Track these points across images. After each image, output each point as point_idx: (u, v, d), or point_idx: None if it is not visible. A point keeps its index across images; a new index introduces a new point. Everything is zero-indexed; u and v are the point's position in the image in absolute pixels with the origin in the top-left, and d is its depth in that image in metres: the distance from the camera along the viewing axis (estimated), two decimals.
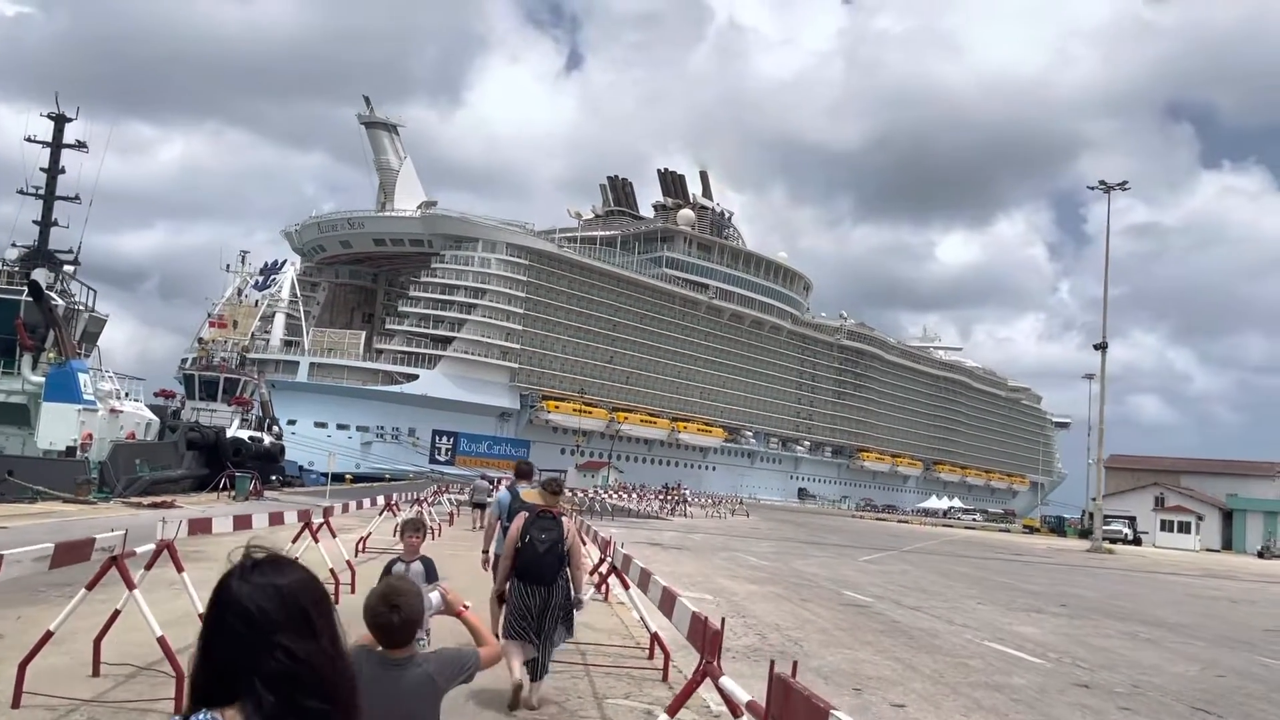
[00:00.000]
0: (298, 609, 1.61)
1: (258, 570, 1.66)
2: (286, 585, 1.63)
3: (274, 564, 1.68)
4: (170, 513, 23.64)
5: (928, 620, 14.29)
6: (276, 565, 1.68)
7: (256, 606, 1.59)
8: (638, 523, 43.35)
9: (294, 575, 1.67)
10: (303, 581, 1.68)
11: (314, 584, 1.71)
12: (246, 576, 1.64)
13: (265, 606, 1.59)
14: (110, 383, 37.32)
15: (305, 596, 1.65)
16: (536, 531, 7.26)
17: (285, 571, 1.67)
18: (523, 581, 7.25)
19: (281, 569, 1.67)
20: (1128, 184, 53.71)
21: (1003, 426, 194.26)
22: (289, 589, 1.63)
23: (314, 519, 12.39)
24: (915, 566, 26.87)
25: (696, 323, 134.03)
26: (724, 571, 20.07)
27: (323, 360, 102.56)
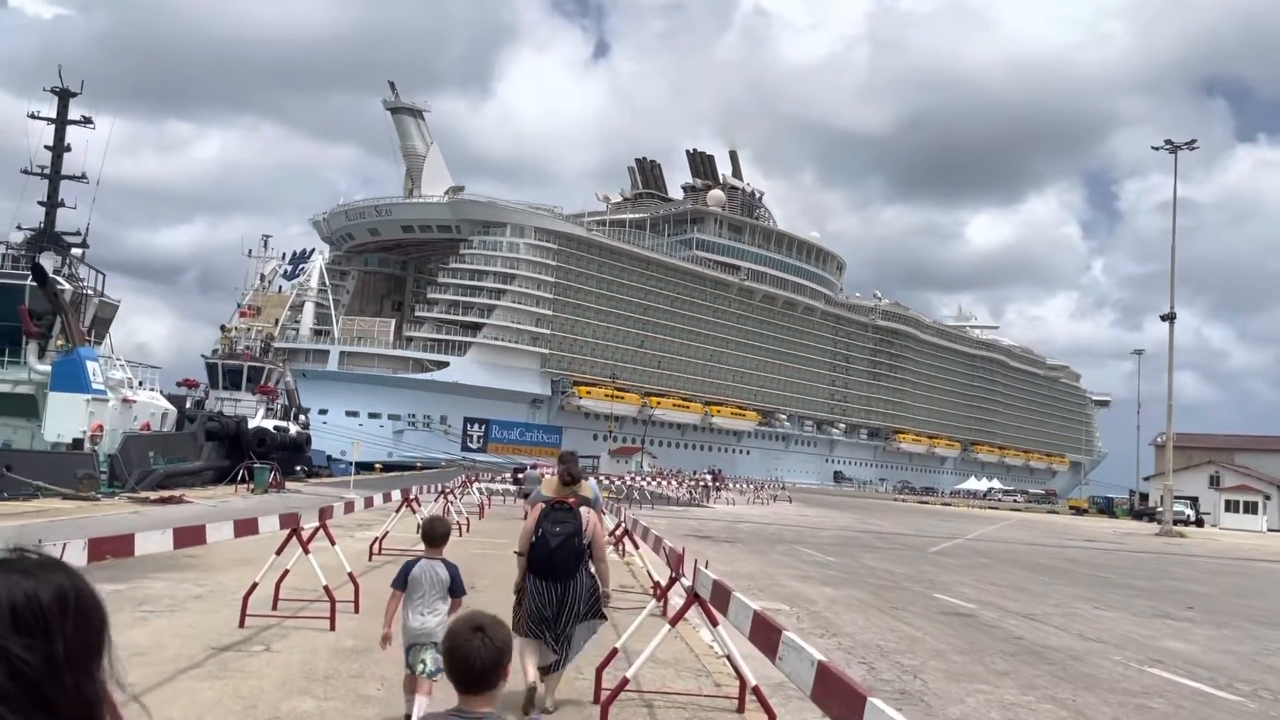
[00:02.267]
0: (29, 614, 1.30)
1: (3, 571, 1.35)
2: (20, 592, 1.32)
3: (24, 566, 1.35)
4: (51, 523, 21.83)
5: (1054, 634, 11.97)
6: (25, 569, 1.35)
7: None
8: (678, 511, 41.20)
9: (35, 583, 1.33)
10: (50, 590, 1.34)
11: (70, 593, 1.35)
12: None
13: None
14: (122, 371, 35.43)
15: (43, 606, 1.32)
16: (549, 525, 6.94)
17: (28, 577, 1.33)
18: (538, 577, 6.93)
19: (26, 575, 1.34)
20: (1196, 143, 50.58)
21: (1041, 406, 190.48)
22: (21, 596, 1.31)
23: (306, 524, 10.13)
24: (994, 559, 24.44)
25: (728, 305, 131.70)
26: (790, 570, 17.77)
27: (353, 349, 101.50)
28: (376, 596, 11.28)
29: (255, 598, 9.37)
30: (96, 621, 1.36)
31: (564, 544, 6.83)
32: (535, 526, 6.97)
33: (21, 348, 32.74)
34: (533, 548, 6.93)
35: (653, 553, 12.11)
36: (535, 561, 6.91)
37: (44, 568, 1.36)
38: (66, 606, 1.33)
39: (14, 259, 33.81)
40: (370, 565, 14.74)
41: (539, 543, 6.90)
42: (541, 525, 6.94)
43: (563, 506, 7.02)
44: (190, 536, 7.58)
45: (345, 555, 15.01)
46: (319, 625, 9.29)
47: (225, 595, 9.98)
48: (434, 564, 6.27)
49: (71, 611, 1.33)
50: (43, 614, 1.30)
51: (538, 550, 6.89)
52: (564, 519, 6.94)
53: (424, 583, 6.20)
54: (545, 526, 6.92)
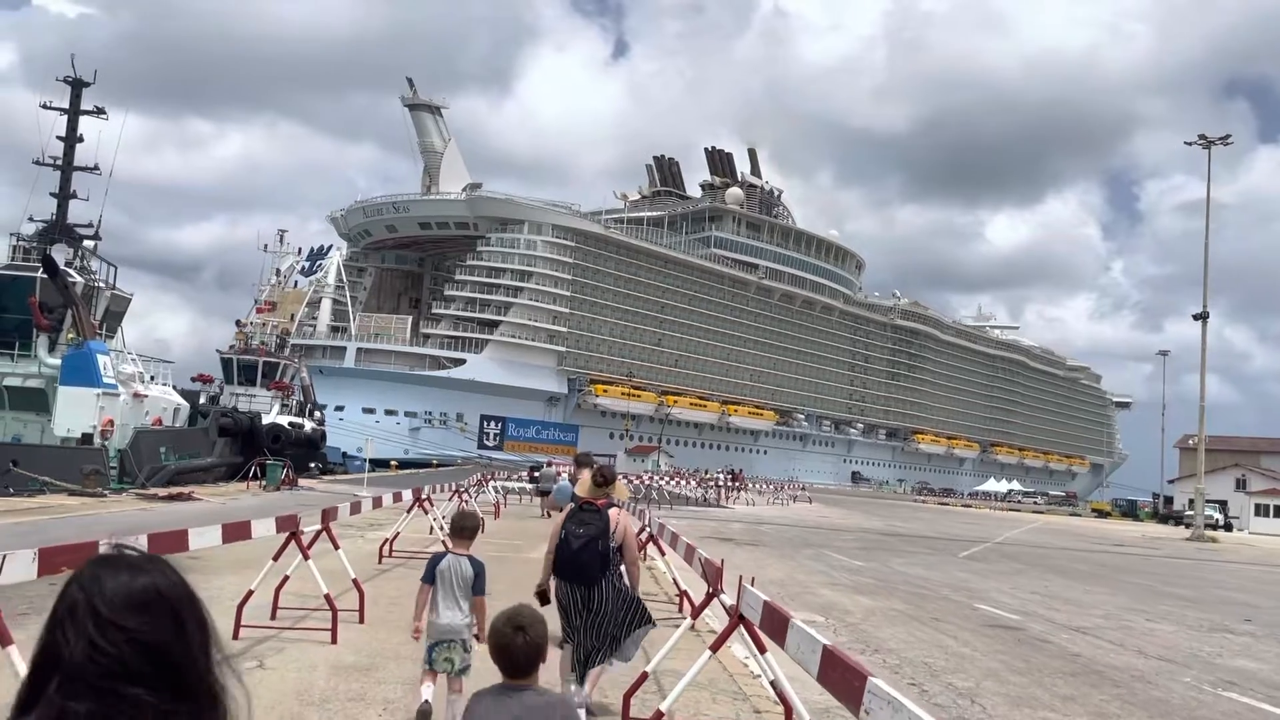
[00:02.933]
0: (156, 602, 1.39)
1: (107, 567, 1.42)
2: (130, 587, 1.39)
3: (127, 563, 1.43)
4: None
5: (1112, 650, 11.12)
6: (129, 565, 1.42)
7: (80, 604, 1.36)
8: (698, 512, 40.40)
9: (149, 579, 1.41)
10: (158, 586, 1.41)
11: (175, 591, 1.43)
12: (94, 569, 1.41)
13: (91, 607, 1.36)
14: (134, 365, 34.83)
15: (152, 602, 1.39)
16: (573, 525, 6.78)
17: (139, 573, 1.41)
18: (561, 580, 6.77)
19: (135, 570, 1.42)
20: (1230, 138, 49.40)
21: (1061, 407, 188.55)
22: (133, 591, 1.39)
23: (308, 525, 9.39)
24: (1029, 564, 23.54)
25: (746, 303, 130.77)
26: (820, 577, 16.95)
27: (370, 345, 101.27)
28: (384, 604, 10.58)
29: (253, 606, 8.68)
30: (206, 611, 1.45)
31: (586, 546, 6.64)
32: (562, 527, 6.82)
33: (32, 341, 32.18)
34: (557, 550, 6.79)
35: (681, 560, 11.33)
36: (559, 564, 6.77)
37: (153, 562, 1.44)
38: (184, 596, 1.41)
39: (25, 251, 33.31)
40: (380, 569, 14.04)
41: (562, 544, 6.75)
42: (566, 526, 6.80)
43: (589, 507, 6.85)
44: (167, 543, 6.81)
45: (353, 558, 14.32)
46: (320, 637, 8.57)
47: (222, 602, 9.23)
48: (460, 560, 6.18)
49: (187, 600, 1.42)
50: (167, 602, 1.38)
51: (561, 552, 6.74)
52: (589, 520, 6.76)
53: (450, 578, 6.11)
54: (569, 528, 6.77)
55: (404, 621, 9.84)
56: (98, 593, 1.36)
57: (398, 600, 10.78)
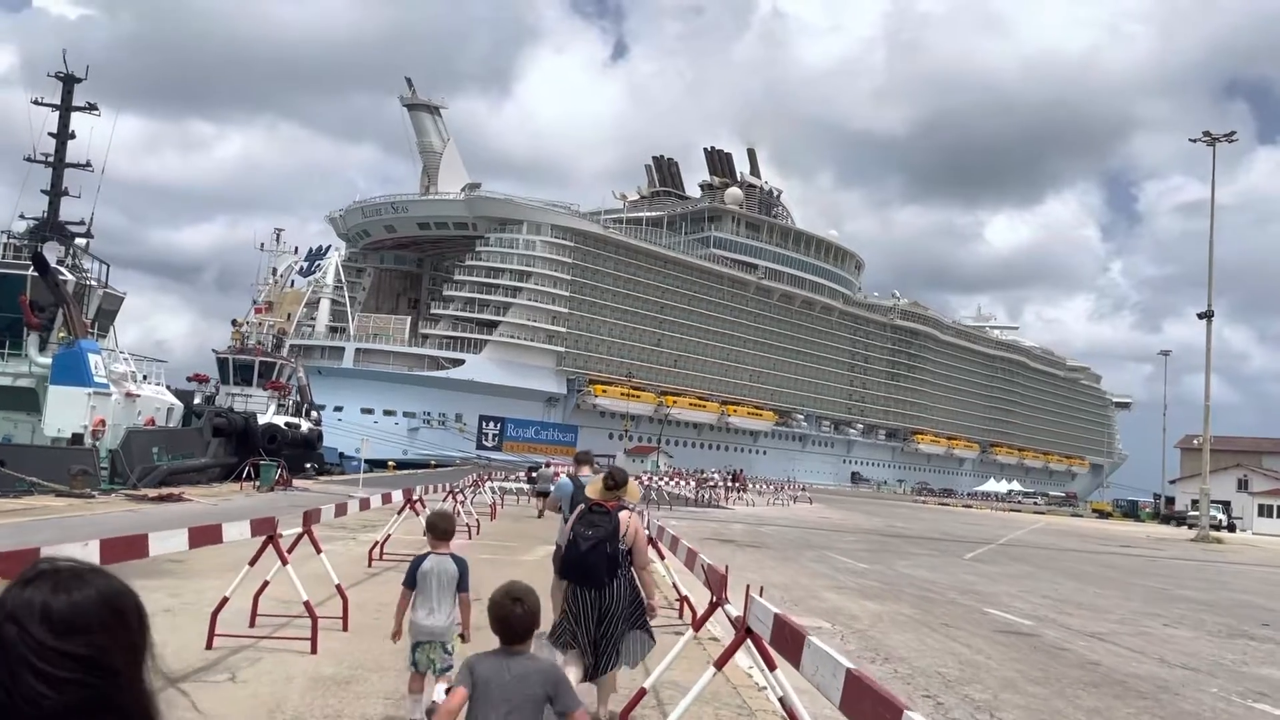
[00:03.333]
0: (72, 635, 1.29)
1: (39, 581, 1.33)
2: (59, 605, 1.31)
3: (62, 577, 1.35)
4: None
5: (1132, 658, 10.65)
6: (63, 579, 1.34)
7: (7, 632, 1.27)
8: (698, 513, 39.93)
9: (79, 593, 1.33)
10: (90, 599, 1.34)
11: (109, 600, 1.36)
12: (22, 591, 1.32)
13: (18, 634, 1.27)
14: (126, 364, 34.31)
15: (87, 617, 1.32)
16: (582, 527, 6.62)
17: (66, 588, 1.33)
18: (570, 583, 6.60)
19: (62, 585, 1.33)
20: (1235, 135, 49.00)
21: (1061, 407, 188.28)
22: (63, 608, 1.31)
23: (286, 530, 8.88)
24: (1036, 566, 23.06)
25: (745, 304, 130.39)
26: (824, 580, 16.47)
27: (368, 346, 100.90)
28: (372, 609, 10.10)
29: (232, 612, 8.21)
30: (136, 621, 1.37)
31: (595, 548, 6.47)
32: (571, 529, 6.73)
33: (22, 340, 31.58)
34: (565, 551, 6.73)
35: (680, 564, 10.87)
36: (566, 566, 6.66)
37: (77, 575, 1.36)
38: (106, 610, 1.33)
39: (16, 249, 32.76)
40: (369, 572, 13.54)
41: (570, 546, 6.63)
42: (575, 528, 6.67)
43: (599, 509, 6.68)
44: (124, 549, 6.29)
45: (342, 562, 13.81)
46: (299, 647, 8.09)
47: (200, 608, 8.78)
48: (443, 559, 6.06)
49: (111, 614, 1.33)
50: (85, 620, 1.30)
51: (569, 554, 6.63)
52: (598, 522, 6.59)
53: (433, 579, 5.98)
54: (578, 529, 6.62)
55: (389, 628, 9.39)
56: (29, 616, 1.27)
57: (386, 606, 10.29)
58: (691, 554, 8.25)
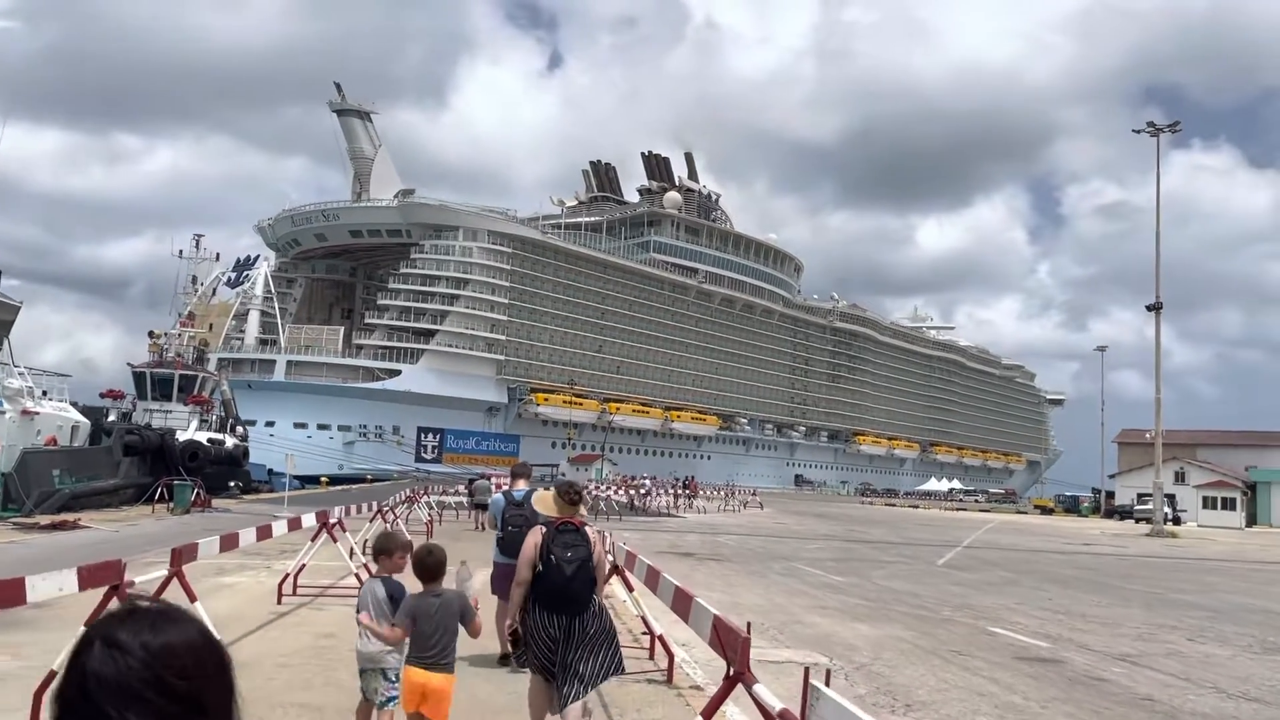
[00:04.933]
0: (174, 668, 1.26)
1: (129, 623, 1.29)
2: (160, 645, 1.26)
3: (153, 617, 1.31)
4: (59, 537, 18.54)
5: (1183, 688, 9.13)
6: (156, 619, 1.31)
7: (108, 675, 1.23)
8: (649, 522, 38.38)
9: (178, 632, 1.30)
10: (190, 640, 1.30)
11: (205, 644, 1.33)
12: (114, 629, 1.28)
13: (119, 675, 1.23)
14: (21, 380, 31.61)
15: (189, 654, 1.29)
16: (560, 550, 6.02)
17: (163, 628, 1.29)
18: (547, 611, 6.00)
19: (160, 625, 1.30)
20: (1179, 125, 49.16)
21: (997, 406, 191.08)
22: (161, 651, 1.26)
23: (148, 574, 7.03)
24: (1015, 572, 21.83)
25: (686, 308, 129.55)
26: (803, 599, 14.96)
27: (300, 358, 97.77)
28: (269, 667, 8.21)
29: None
30: (228, 666, 1.36)
31: (580, 571, 6.02)
32: (543, 552, 6.07)
33: None
34: (541, 578, 6.04)
35: (651, 594, 9.25)
36: (547, 593, 6.02)
37: (168, 616, 1.33)
38: (201, 653, 1.32)
39: None
40: (276, 611, 11.52)
41: (551, 571, 6.00)
42: (551, 551, 6.04)
43: (569, 528, 6.18)
44: None
45: (242, 601, 11.91)
46: None
47: (43, 674, 6.89)
48: (374, 583, 5.85)
49: (206, 657, 1.32)
50: (183, 662, 1.28)
51: (550, 580, 6.00)
52: (576, 542, 6.10)
53: (367, 603, 5.72)
54: (556, 552, 6.03)
55: (293, 690, 7.64)
56: (138, 652, 1.24)
57: (289, 661, 8.52)
58: (682, 596, 6.59)
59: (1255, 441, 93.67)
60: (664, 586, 7.21)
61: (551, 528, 6.20)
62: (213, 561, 13.77)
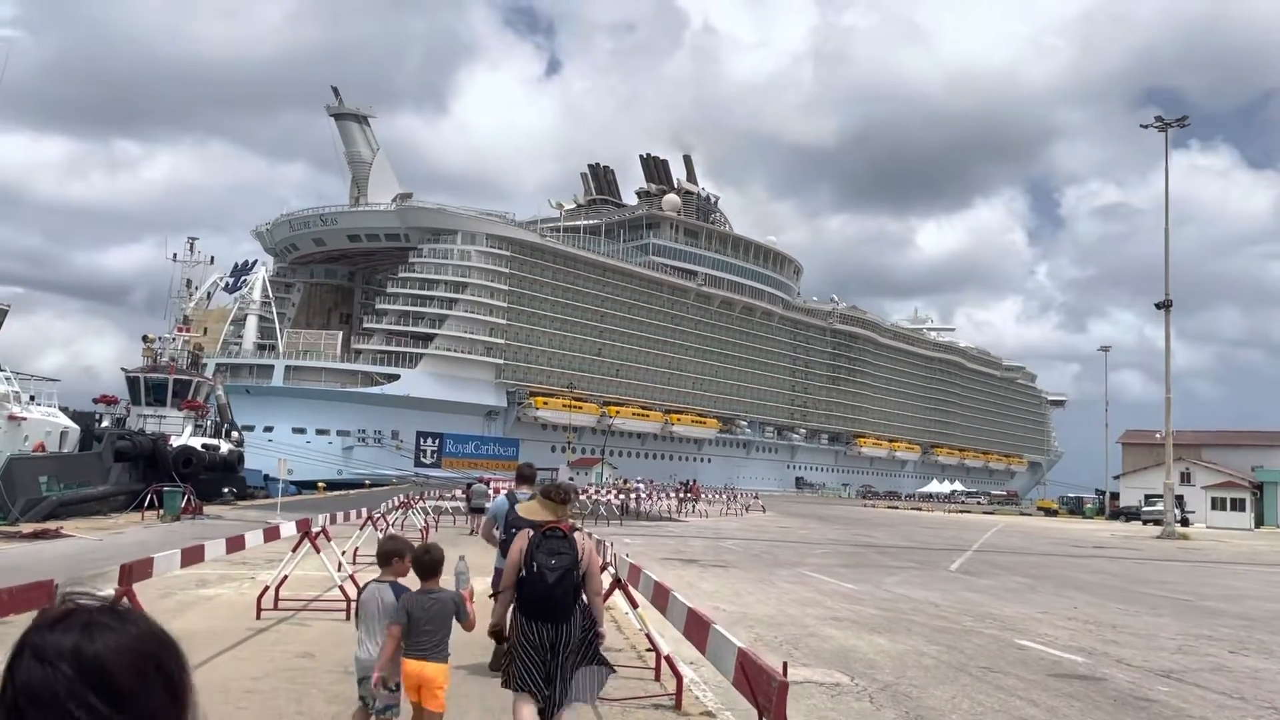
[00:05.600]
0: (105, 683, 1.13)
1: (60, 626, 1.16)
2: (93, 654, 1.14)
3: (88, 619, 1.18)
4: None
5: (1239, 709, 8.34)
6: (91, 621, 1.17)
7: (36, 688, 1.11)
8: (650, 527, 37.71)
9: (114, 637, 1.16)
10: (125, 646, 1.17)
11: (146, 649, 1.19)
12: (44, 634, 1.16)
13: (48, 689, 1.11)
14: (7, 384, 30.89)
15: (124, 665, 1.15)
16: (544, 556, 5.71)
17: (98, 633, 1.16)
18: (529, 619, 5.71)
19: (95, 629, 1.16)
20: (1188, 119, 48.54)
21: (998, 407, 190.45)
22: (100, 655, 1.14)
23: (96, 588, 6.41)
24: (1032, 577, 21.05)
25: (686, 311, 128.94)
26: (815, 609, 14.25)
27: (299, 363, 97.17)
28: (237, 692, 7.48)
29: None
30: (174, 671, 1.21)
31: (563, 579, 5.74)
32: (527, 558, 5.80)
33: None
34: (525, 584, 5.78)
35: (654, 610, 8.57)
36: (529, 601, 5.76)
37: (106, 618, 1.19)
38: (141, 660, 1.17)
39: None
40: (255, 626, 10.83)
41: (534, 578, 5.74)
42: (535, 558, 5.77)
43: (556, 533, 5.89)
44: None
45: (223, 616, 11.25)
46: None
47: None
48: (381, 588, 5.76)
49: (146, 664, 1.18)
50: (118, 672, 1.15)
51: (533, 588, 5.74)
52: (561, 549, 5.82)
53: (371, 608, 5.70)
54: (539, 559, 5.76)
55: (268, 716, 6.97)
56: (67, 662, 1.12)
57: (258, 685, 7.83)
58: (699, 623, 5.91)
59: (1260, 441, 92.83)
60: (674, 608, 6.55)
61: (538, 533, 5.92)
62: (193, 572, 13.09)
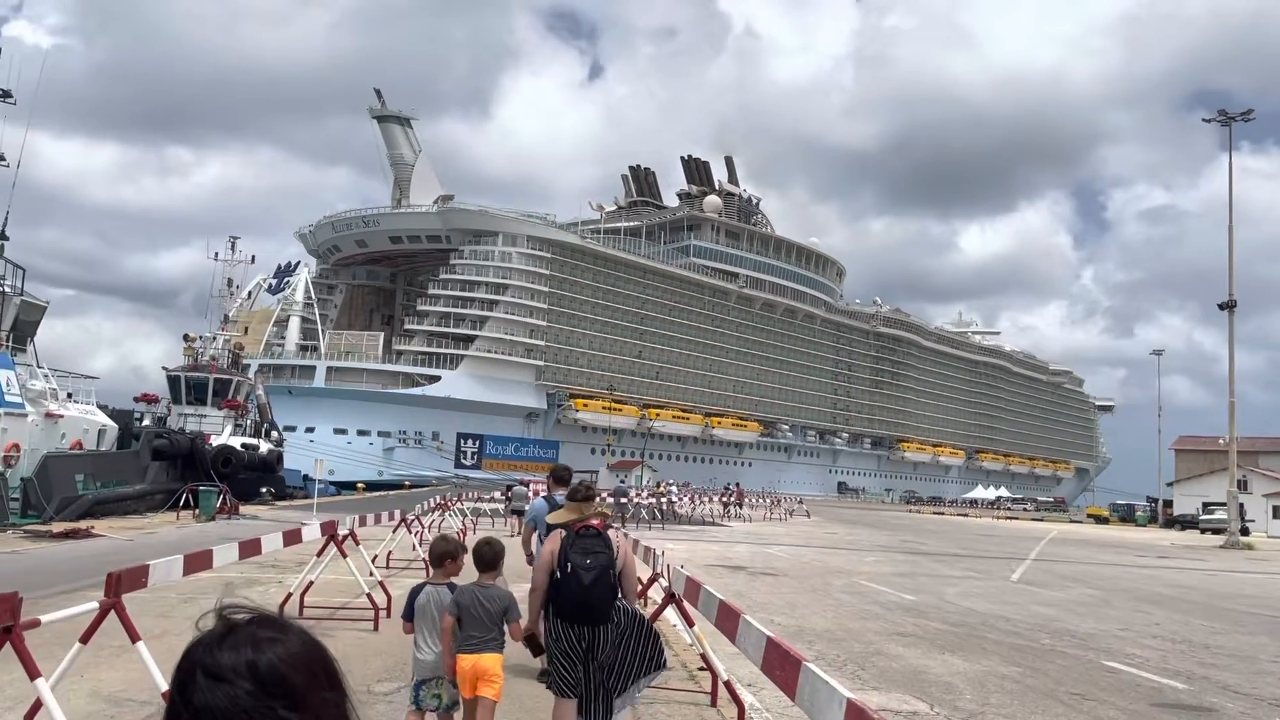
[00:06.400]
0: (284, 691, 1.18)
1: (228, 644, 1.21)
2: (267, 665, 1.19)
3: (253, 632, 1.23)
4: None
5: None
6: (256, 635, 1.22)
7: (220, 709, 1.16)
8: (693, 531, 36.77)
9: (281, 647, 1.22)
10: (294, 654, 1.22)
11: (310, 653, 1.25)
12: (214, 653, 1.20)
13: (231, 707, 1.16)
14: (44, 381, 30.61)
15: (297, 671, 1.21)
16: (578, 556, 5.52)
17: (266, 643, 1.21)
18: (565, 623, 5.52)
19: (261, 641, 1.21)
20: (1252, 113, 46.61)
21: (1045, 412, 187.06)
22: (271, 666, 1.19)
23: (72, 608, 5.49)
24: (1103, 590, 19.71)
25: (727, 313, 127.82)
26: (876, 622, 13.20)
27: (340, 364, 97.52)
28: None
29: None
30: (337, 671, 1.27)
31: (600, 579, 5.54)
32: (560, 559, 5.61)
33: None
34: (560, 586, 5.57)
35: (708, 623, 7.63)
36: (565, 604, 5.55)
37: (269, 629, 1.24)
38: (313, 664, 1.23)
39: None
40: None
41: (569, 579, 5.54)
42: (569, 558, 5.58)
43: (590, 532, 5.70)
44: None
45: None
46: None
47: None
48: (439, 589, 5.67)
49: (317, 668, 1.23)
50: (294, 680, 1.19)
51: (569, 589, 5.53)
52: (595, 547, 5.63)
53: (431, 611, 5.59)
54: (574, 559, 5.57)
55: None
56: (244, 679, 1.15)
57: None
58: (785, 658, 5.00)
59: None
60: (747, 636, 5.61)
61: (570, 532, 5.67)
62: (216, 575, 12.40)
